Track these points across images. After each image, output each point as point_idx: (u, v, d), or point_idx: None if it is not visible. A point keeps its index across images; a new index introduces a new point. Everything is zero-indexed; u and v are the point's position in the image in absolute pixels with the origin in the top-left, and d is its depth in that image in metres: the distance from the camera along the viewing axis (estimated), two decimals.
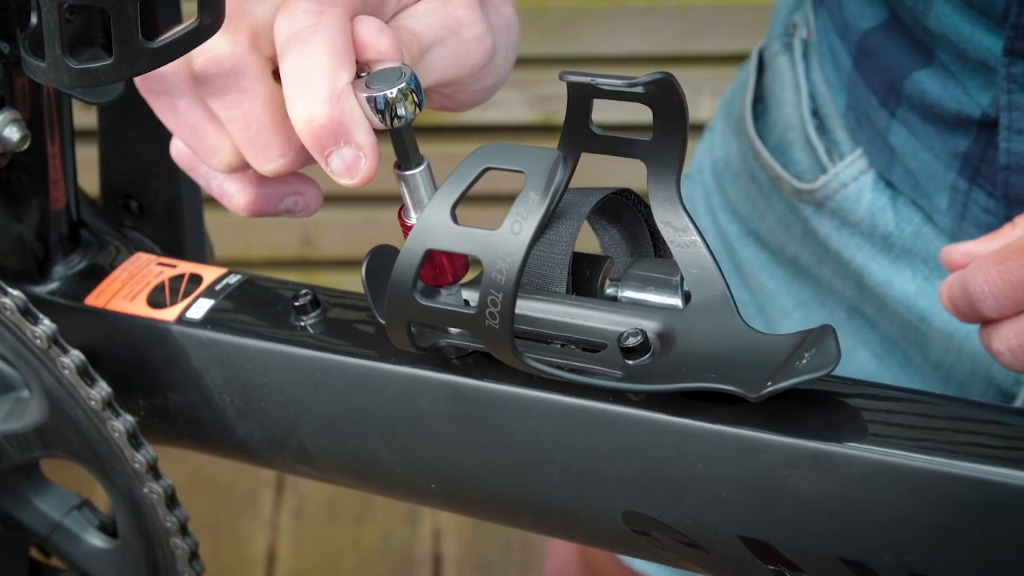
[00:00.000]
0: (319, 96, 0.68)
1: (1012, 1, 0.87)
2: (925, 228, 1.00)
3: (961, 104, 0.94)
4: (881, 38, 0.98)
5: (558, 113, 2.36)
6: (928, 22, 0.93)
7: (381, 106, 0.69)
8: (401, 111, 0.69)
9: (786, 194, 1.09)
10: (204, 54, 0.70)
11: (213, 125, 0.73)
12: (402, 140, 0.70)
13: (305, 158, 0.73)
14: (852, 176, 1.03)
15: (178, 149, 0.77)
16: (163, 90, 0.73)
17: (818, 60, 1.07)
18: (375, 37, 0.70)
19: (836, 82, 1.04)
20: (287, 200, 0.76)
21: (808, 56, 1.08)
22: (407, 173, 0.71)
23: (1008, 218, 0.93)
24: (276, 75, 0.72)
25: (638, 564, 1.21)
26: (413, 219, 0.71)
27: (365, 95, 0.69)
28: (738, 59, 1.19)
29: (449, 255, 0.70)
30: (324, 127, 0.68)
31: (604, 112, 0.70)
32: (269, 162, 0.72)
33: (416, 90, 0.69)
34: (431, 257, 0.70)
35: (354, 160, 0.69)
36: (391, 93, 0.69)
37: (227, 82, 0.71)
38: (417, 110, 0.70)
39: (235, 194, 0.76)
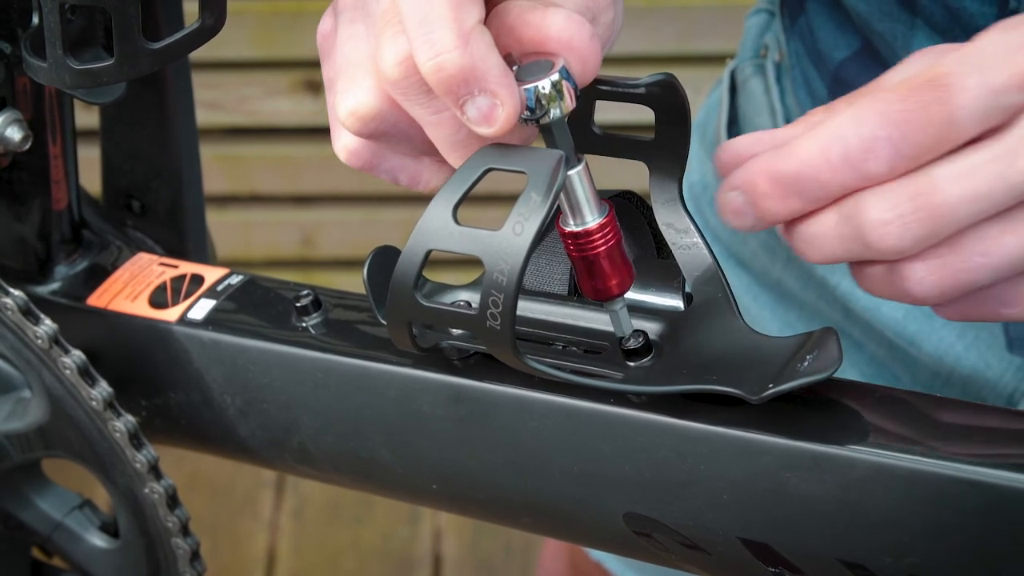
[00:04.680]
0: (446, 41, 0.62)
1: None
2: None
3: None
4: (856, 69, 0.97)
5: None
6: (907, 55, 0.92)
7: (531, 101, 0.63)
8: (554, 108, 0.64)
9: None
10: (398, 60, 0.64)
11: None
12: (554, 138, 0.65)
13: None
14: None
15: (351, 150, 0.71)
16: (391, 129, 0.69)
17: (792, 85, 1.06)
18: (577, 29, 0.64)
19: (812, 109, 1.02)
20: None
21: (782, 80, 1.07)
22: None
23: None
24: None
25: (630, 575, 1.21)
26: (572, 225, 0.66)
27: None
28: None
29: (612, 263, 0.66)
30: (454, 76, 0.62)
31: (606, 112, 0.70)
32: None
33: (569, 81, 0.63)
34: (595, 266, 0.66)
35: (490, 108, 0.63)
36: (543, 86, 0.63)
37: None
38: (571, 103, 0.64)
39: (434, 176, 0.71)
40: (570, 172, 0.65)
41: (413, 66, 0.63)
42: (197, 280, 0.80)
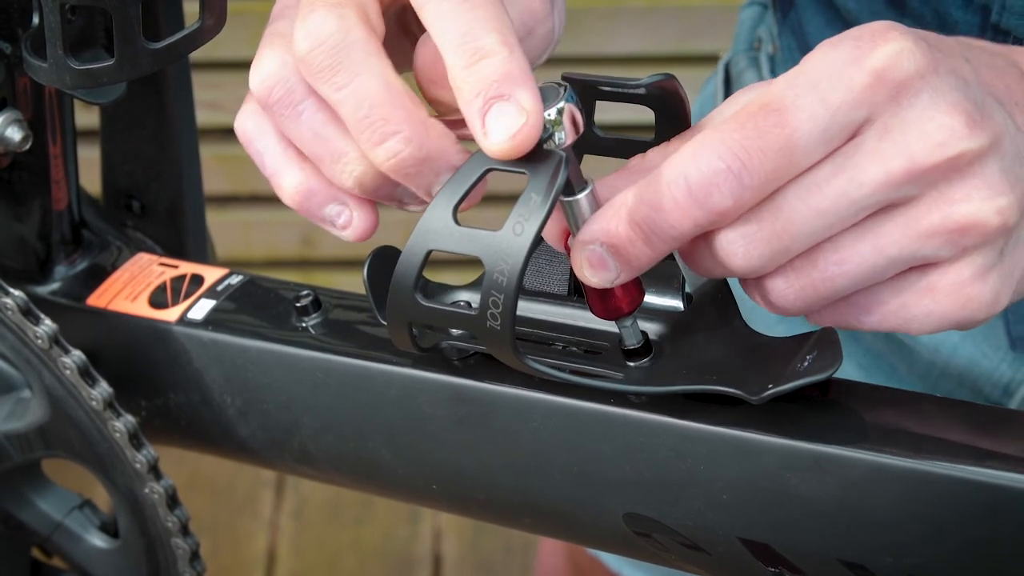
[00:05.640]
0: (493, 45, 0.61)
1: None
2: None
3: None
4: None
5: None
6: None
7: None
8: (560, 134, 0.63)
9: None
10: (307, 35, 0.63)
11: (336, 127, 0.66)
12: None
13: (423, 143, 0.64)
14: None
15: (292, 190, 0.70)
16: (285, 96, 0.67)
17: None
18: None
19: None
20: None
21: (776, 72, 1.07)
22: (570, 199, 0.64)
23: None
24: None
25: (627, 571, 1.21)
26: None
27: None
28: None
29: (623, 285, 0.66)
30: (502, 74, 0.61)
31: (606, 113, 0.70)
32: (385, 140, 0.63)
33: (576, 107, 0.63)
34: (606, 289, 0.65)
35: (517, 115, 0.61)
36: (549, 114, 0.62)
37: (334, 59, 0.63)
38: (577, 132, 0.63)
39: (357, 219, 0.71)
40: (578, 195, 0.64)
41: (320, 39, 0.63)
42: (197, 280, 0.80)
